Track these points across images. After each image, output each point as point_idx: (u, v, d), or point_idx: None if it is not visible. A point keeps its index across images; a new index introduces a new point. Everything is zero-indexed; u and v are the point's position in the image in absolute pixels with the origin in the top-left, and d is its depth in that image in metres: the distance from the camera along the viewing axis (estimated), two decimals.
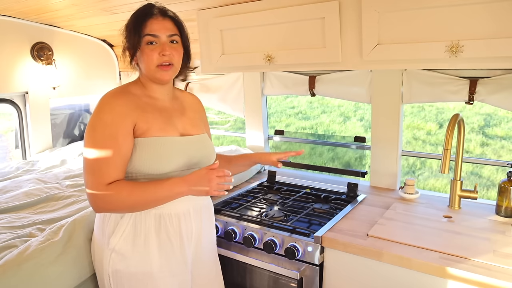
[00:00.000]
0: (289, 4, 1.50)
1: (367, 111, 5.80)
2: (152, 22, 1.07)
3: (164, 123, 1.12)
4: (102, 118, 1.04)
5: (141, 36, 1.06)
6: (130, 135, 1.06)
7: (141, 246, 1.10)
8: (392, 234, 1.30)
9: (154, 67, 1.08)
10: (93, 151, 1.03)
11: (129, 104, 1.07)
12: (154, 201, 1.06)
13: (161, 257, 1.12)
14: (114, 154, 1.02)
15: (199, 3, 1.70)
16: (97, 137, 1.03)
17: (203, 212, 1.22)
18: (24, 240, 1.24)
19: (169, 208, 1.12)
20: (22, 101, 2.35)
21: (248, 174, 2.04)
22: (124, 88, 1.13)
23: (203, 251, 1.25)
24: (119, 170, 1.04)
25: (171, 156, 1.09)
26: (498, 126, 5.10)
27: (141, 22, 1.07)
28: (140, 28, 1.06)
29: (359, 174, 1.81)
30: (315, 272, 1.34)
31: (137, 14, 1.09)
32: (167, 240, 1.12)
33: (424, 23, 1.26)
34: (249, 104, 2.23)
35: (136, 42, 1.07)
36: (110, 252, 1.10)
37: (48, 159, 2.26)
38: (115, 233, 1.10)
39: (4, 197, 1.65)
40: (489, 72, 1.51)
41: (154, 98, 1.15)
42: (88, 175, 1.04)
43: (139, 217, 1.10)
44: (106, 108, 1.05)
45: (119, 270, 1.10)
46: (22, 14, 2.11)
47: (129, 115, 1.06)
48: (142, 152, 1.06)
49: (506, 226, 1.36)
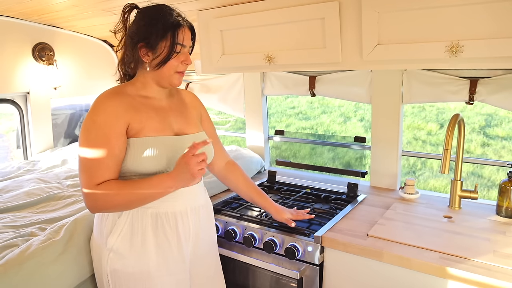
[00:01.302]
0: (289, 5, 1.50)
1: (368, 112, 5.80)
2: (182, 32, 1.10)
3: (159, 123, 1.13)
4: (95, 120, 1.05)
5: (172, 42, 1.08)
6: (123, 136, 1.06)
7: (139, 245, 1.10)
8: (392, 234, 1.30)
9: (173, 72, 1.12)
10: (87, 151, 1.04)
11: (122, 105, 1.08)
12: (144, 199, 1.07)
13: (158, 256, 1.12)
14: (106, 155, 1.03)
15: (199, 4, 1.70)
16: (90, 138, 1.04)
17: (200, 211, 1.22)
18: (26, 239, 1.25)
19: (166, 207, 1.13)
20: (23, 101, 2.36)
21: (248, 174, 2.04)
22: (119, 89, 1.13)
23: (202, 250, 1.25)
24: (111, 170, 1.05)
25: (164, 156, 1.09)
26: (499, 126, 5.09)
27: (173, 29, 1.08)
28: (173, 35, 1.08)
29: (359, 174, 1.81)
30: (315, 272, 1.34)
31: (165, 18, 1.09)
32: (165, 239, 1.13)
33: (424, 23, 1.26)
34: (249, 104, 2.23)
35: (162, 45, 1.08)
36: (108, 252, 1.11)
37: (49, 159, 2.26)
38: (113, 233, 1.11)
39: (5, 196, 1.66)
40: (490, 72, 1.51)
41: (150, 98, 1.16)
42: (81, 175, 1.05)
43: (136, 216, 1.11)
44: (99, 109, 1.06)
45: (117, 270, 1.11)
46: (23, 15, 2.12)
47: (122, 116, 1.06)
48: (135, 152, 1.07)
49: (506, 226, 1.36)
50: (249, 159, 2.08)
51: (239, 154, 2.08)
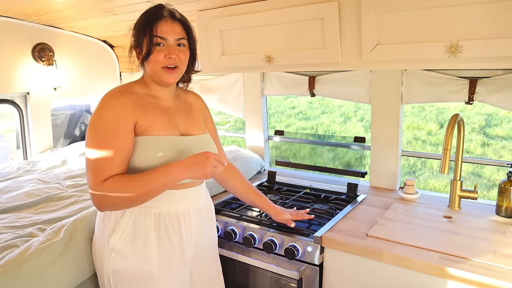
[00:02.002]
0: (289, 5, 1.50)
1: (367, 112, 5.80)
2: (162, 25, 1.08)
3: (166, 123, 1.13)
4: (104, 117, 1.04)
5: (149, 37, 1.07)
6: (131, 133, 1.06)
7: (141, 245, 1.10)
8: (392, 234, 1.30)
9: (159, 68, 1.10)
10: (95, 148, 1.03)
11: (130, 102, 1.08)
12: (151, 190, 1.05)
13: (160, 257, 1.12)
14: (116, 151, 1.03)
15: (199, 4, 1.70)
16: (98, 135, 1.04)
17: (203, 212, 1.22)
18: (25, 240, 1.25)
19: (169, 207, 1.13)
20: (23, 102, 2.36)
21: (248, 174, 2.04)
22: (126, 87, 1.14)
23: (203, 251, 1.25)
24: (120, 167, 1.05)
25: (170, 155, 1.09)
26: (499, 126, 5.09)
27: (151, 23, 1.07)
28: (150, 29, 1.07)
29: (359, 174, 1.81)
30: (315, 272, 1.34)
31: (147, 14, 1.10)
32: (167, 239, 1.13)
33: (423, 24, 1.26)
34: (249, 104, 2.23)
35: (144, 42, 1.08)
36: (110, 252, 1.11)
37: (49, 160, 2.26)
38: (115, 233, 1.10)
39: (5, 197, 1.66)
40: (489, 72, 1.51)
41: (157, 98, 1.16)
42: (89, 171, 1.04)
43: (139, 216, 1.10)
44: (107, 106, 1.06)
45: (119, 270, 1.10)
46: (23, 15, 2.12)
47: (130, 113, 1.06)
48: (142, 150, 1.07)
49: (506, 226, 1.36)
50: (249, 159, 2.08)
51: (239, 154, 2.08)
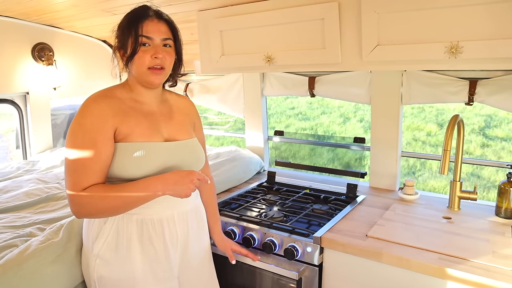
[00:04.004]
0: (289, 5, 1.50)
1: (367, 112, 5.80)
2: (147, 24, 1.05)
3: (148, 128, 1.09)
4: (82, 123, 1.01)
5: (135, 36, 1.04)
6: (111, 140, 1.03)
7: (124, 252, 1.08)
8: (391, 235, 1.30)
9: (145, 69, 1.06)
10: (73, 155, 1.00)
11: (110, 108, 1.04)
12: (131, 203, 1.02)
13: (144, 264, 1.09)
14: (93, 159, 1.00)
15: (199, 4, 1.70)
16: (76, 142, 1.01)
17: (189, 217, 1.18)
18: (25, 239, 1.25)
19: (152, 213, 1.09)
20: (22, 102, 2.36)
21: (248, 174, 2.04)
22: (108, 91, 1.10)
23: (193, 257, 1.21)
24: (98, 175, 1.01)
25: (152, 162, 1.06)
26: (499, 127, 5.10)
27: (136, 23, 1.04)
28: (135, 29, 1.04)
29: (358, 175, 1.81)
30: (314, 272, 1.34)
31: (132, 14, 1.07)
32: (151, 246, 1.10)
33: (424, 24, 1.26)
34: (248, 104, 2.23)
35: (129, 42, 1.05)
36: (95, 258, 1.09)
37: (49, 159, 2.26)
38: (99, 239, 1.08)
39: (4, 197, 1.66)
40: (489, 73, 1.51)
41: (140, 102, 1.12)
42: (67, 178, 1.02)
43: (122, 223, 1.08)
44: (86, 112, 1.02)
45: (104, 276, 1.09)
46: (23, 15, 2.12)
47: (109, 120, 1.03)
48: (122, 157, 1.03)
49: (505, 227, 1.36)
50: (249, 159, 2.08)
51: (238, 155, 2.08)
